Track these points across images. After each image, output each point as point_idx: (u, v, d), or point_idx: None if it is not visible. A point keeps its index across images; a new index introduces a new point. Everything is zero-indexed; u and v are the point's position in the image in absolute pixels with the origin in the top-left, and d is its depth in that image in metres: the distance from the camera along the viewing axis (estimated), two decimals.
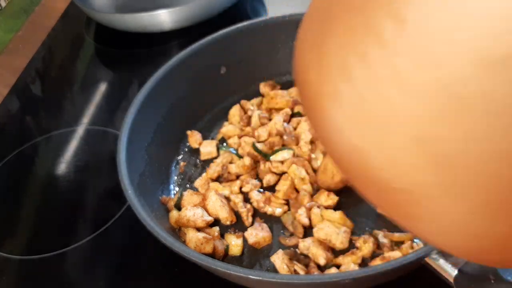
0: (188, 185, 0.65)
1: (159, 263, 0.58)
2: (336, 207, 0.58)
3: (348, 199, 0.59)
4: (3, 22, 1.03)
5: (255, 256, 0.56)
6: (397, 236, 0.54)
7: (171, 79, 0.67)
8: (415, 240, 0.54)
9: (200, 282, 0.55)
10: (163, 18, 0.89)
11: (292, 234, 0.57)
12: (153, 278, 0.57)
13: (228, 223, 0.59)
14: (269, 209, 0.59)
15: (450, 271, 0.45)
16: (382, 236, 0.54)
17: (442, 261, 0.45)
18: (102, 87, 0.88)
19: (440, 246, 0.21)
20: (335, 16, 0.20)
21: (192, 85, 0.70)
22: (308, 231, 0.57)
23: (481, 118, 0.16)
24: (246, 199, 0.61)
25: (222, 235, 0.58)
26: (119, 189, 0.54)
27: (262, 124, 0.68)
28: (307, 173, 0.61)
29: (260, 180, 0.63)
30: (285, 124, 0.67)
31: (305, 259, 0.54)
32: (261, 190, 0.62)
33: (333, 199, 0.58)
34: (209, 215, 0.59)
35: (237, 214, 0.60)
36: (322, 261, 0.53)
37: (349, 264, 0.52)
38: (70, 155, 0.75)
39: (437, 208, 0.18)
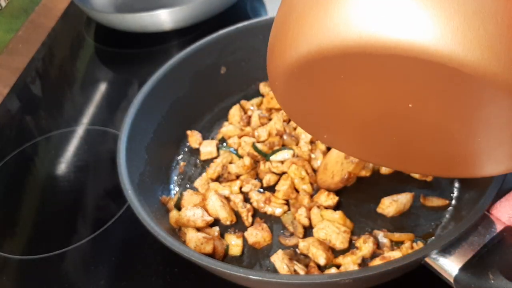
0: (188, 185, 0.65)
1: (159, 263, 0.58)
2: (336, 207, 0.58)
3: (348, 199, 0.60)
4: (3, 22, 1.03)
5: (255, 256, 0.56)
6: (397, 236, 0.54)
7: (171, 79, 0.67)
8: (415, 240, 0.54)
9: (200, 282, 0.55)
10: (163, 18, 0.89)
11: (292, 234, 0.57)
12: (153, 278, 0.57)
13: (228, 223, 0.59)
14: (269, 209, 0.59)
15: (450, 271, 0.45)
16: (382, 236, 0.54)
17: (442, 261, 0.45)
18: (102, 87, 0.88)
19: None
20: None
21: (192, 85, 0.71)
22: (308, 231, 0.57)
23: None
24: (246, 199, 0.61)
25: (222, 235, 0.58)
26: (119, 189, 0.54)
27: (262, 124, 0.68)
28: (307, 173, 0.61)
29: (260, 180, 0.63)
30: (285, 124, 0.67)
31: (305, 259, 0.54)
32: (261, 190, 0.62)
33: (333, 199, 0.58)
34: (209, 215, 0.59)
35: (237, 214, 0.60)
36: (322, 261, 0.53)
37: (349, 264, 0.52)
38: (70, 155, 0.75)
39: None
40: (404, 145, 0.42)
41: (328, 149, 0.64)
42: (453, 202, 0.58)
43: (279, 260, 0.53)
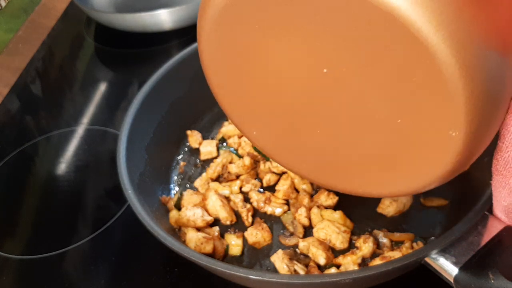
0: (188, 185, 0.65)
1: (159, 263, 0.58)
2: (336, 207, 0.58)
3: (348, 199, 0.59)
4: (3, 22, 1.03)
5: (255, 256, 0.56)
6: (397, 236, 0.54)
7: (171, 79, 0.67)
8: (415, 240, 0.54)
9: (200, 282, 0.55)
10: (163, 18, 0.89)
11: (292, 234, 0.57)
12: (153, 278, 0.57)
13: (228, 223, 0.59)
14: (269, 209, 0.59)
15: (450, 270, 0.45)
16: (382, 236, 0.54)
17: (442, 261, 0.45)
18: (102, 87, 0.88)
19: None
20: None
21: (192, 85, 0.70)
22: (308, 231, 0.57)
23: None
24: (246, 199, 0.61)
25: (222, 235, 0.58)
26: (119, 189, 0.54)
27: None
28: None
29: (260, 180, 0.63)
30: None
31: (305, 259, 0.54)
32: (261, 190, 0.62)
33: (333, 199, 0.58)
34: (209, 215, 0.59)
35: (237, 214, 0.60)
36: (322, 261, 0.53)
37: (349, 264, 0.52)
38: (70, 155, 0.75)
39: None
40: (329, 145, 0.40)
41: None
42: (453, 202, 0.57)
43: (279, 260, 0.53)
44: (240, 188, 0.62)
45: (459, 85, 0.30)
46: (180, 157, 0.69)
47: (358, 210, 0.58)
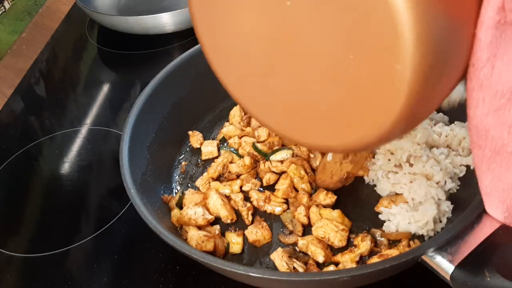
0: (189, 184, 0.66)
1: (160, 261, 0.59)
2: (334, 206, 0.59)
3: (347, 198, 0.60)
4: (7, 24, 1.04)
5: (255, 254, 0.57)
6: (394, 234, 0.55)
7: (173, 80, 0.68)
8: (411, 238, 0.55)
9: (201, 280, 0.56)
10: (165, 21, 0.90)
11: (291, 232, 0.58)
12: (155, 276, 0.57)
13: (228, 221, 0.60)
14: (268, 208, 0.60)
15: (446, 268, 0.45)
16: (380, 235, 0.55)
17: (438, 259, 0.45)
18: (105, 88, 0.89)
19: None
20: None
21: (193, 86, 0.71)
22: (307, 229, 0.58)
23: None
24: (246, 198, 0.62)
25: (222, 233, 0.58)
26: (122, 188, 0.55)
27: None
28: (306, 172, 0.62)
29: (260, 179, 0.64)
30: None
31: (304, 257, 0.55)
32: (261, 189, 0.63)
33: (331, 198, 0.59)
34: (210, 213, 0.59)
35: (237, 213, 0.61)
36: (320, 259, 0.53)
37: (347, 262, 0.53)
38: (74, 155, 0.75)
39: None
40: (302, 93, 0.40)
41: None
42: (451, 201, 0.58)
43: (278, 257, 0.53)
44: (241, 187, 0.63)
45: (401, 12, 0.30)
46: (181, 157, 0.69)
47: (356, 209, 0.59)
